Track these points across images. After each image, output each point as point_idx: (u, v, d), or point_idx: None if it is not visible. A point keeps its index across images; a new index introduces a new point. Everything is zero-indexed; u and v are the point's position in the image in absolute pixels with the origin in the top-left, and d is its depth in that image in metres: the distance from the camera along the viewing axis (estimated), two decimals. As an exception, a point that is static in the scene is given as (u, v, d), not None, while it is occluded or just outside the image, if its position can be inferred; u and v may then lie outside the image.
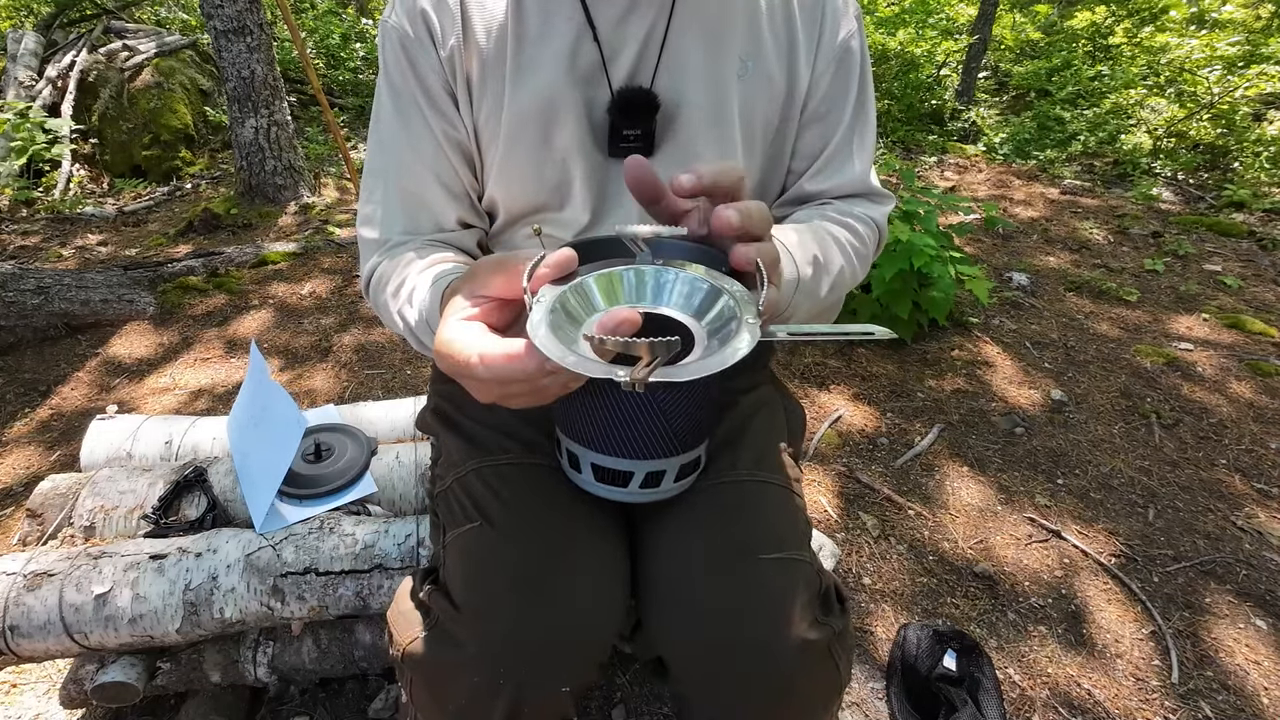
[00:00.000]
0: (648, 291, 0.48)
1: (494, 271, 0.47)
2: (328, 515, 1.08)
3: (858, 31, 0.78)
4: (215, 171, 4.38)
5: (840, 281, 0.70)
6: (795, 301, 0.63)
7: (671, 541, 0.72)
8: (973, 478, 1.75)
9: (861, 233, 0.76)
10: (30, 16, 6.00)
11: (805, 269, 0.64)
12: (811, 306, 0.66)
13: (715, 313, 0.45)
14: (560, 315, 0.43)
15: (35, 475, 1.75)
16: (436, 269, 0.66)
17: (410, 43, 0.72)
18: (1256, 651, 1.30)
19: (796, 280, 0.62)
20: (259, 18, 3.31)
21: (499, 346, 0.43)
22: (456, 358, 0.44)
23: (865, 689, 1.24)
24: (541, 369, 0.41)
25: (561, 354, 0.39)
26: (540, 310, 0.43)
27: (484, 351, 0.43)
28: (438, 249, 0.73)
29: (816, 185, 0.80)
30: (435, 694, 0.68)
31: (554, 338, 0.40)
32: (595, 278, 0.47)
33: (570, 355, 0.39)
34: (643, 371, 0.37)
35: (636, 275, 0.48)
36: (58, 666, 1.24)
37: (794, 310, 0.64)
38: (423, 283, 0.64)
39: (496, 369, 0.42)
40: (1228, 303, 2.61)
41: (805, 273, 0.63)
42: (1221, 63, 4.71)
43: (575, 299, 0.46)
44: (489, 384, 0.44)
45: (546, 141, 0.73)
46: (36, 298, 2.33)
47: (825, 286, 0.67)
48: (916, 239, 2.13)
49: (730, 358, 0.39)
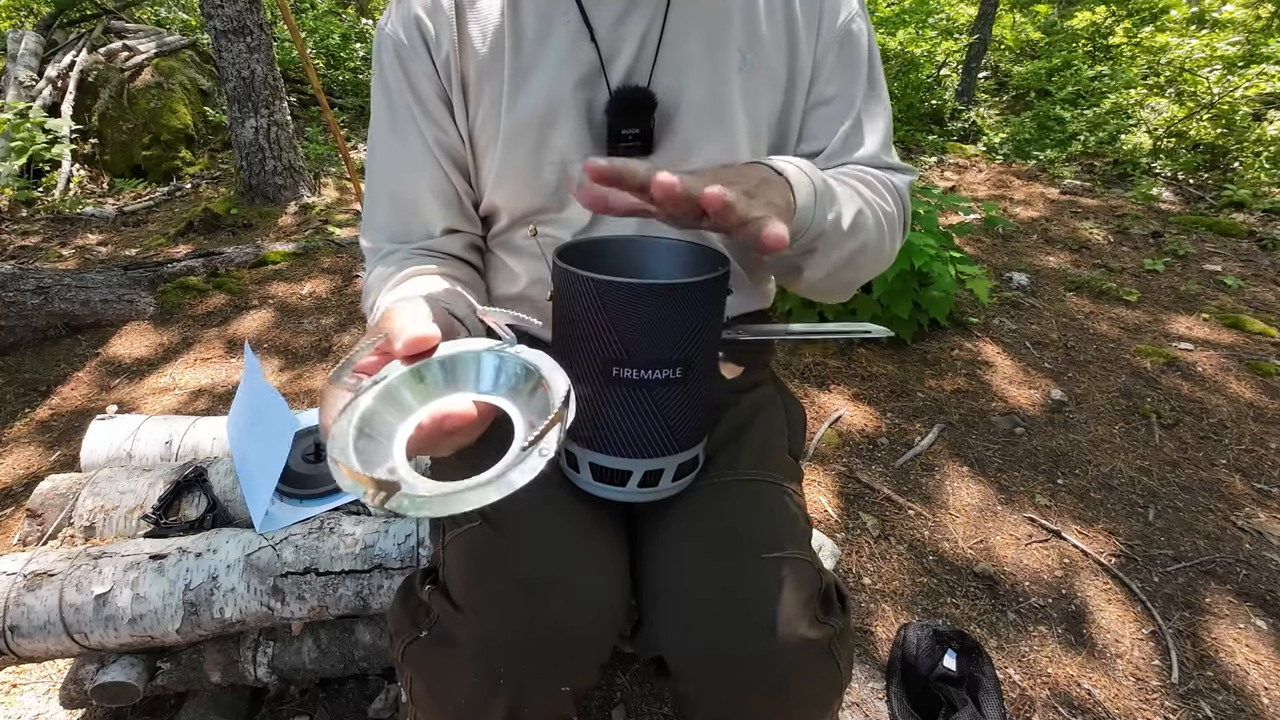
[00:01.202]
0: (461, 378, 0.48)
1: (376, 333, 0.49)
2: (328, 515, 1.08)
3: (859, 13, 0.77)
4: (215, 171, 4.38)
5: (862, 223, 0.68)
6: (817, 220, 0.61)
7: (671, 540, 0.72)
8: (973, 478, 1.75)
9: (877, 187, 0.74)
10: (30, 16, 6.00)
11: (820, 184, 0.62)
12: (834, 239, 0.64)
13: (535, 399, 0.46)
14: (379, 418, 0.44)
15: (35, 475, 1.75)
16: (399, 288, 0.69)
17: (404, 50, 0.72)
18: (1256, 651, 1.30)
19: (813, 190, 0.60)
20: (259, 18, 3.31)
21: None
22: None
23: (865, 689, 1.23)
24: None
25: (340, 452, 0.40)
26: (347, 433, 0.42)
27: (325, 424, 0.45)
28: (419, 261, 0.75)
29: (827, 165, 0.79)
30: (435, 694, 0.68)
31: (368, 444, 0.42)
32: (400, 377, 0.47)
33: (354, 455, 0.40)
34: (380, 498, 0.37)
35: (442, 367, 0.48)
36: (58, 666, 1.24)
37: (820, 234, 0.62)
38: (383, 304, 0.67)
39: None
40: (1228, 303, 2.61)
41: (819, 184, 0.62)
42: (1221, 63, 4.71)
43: (385, 406, 0.45)
44: None
45: (546, 143, 0.73)
46: (36, 298, 2.33)
47: (846, 218, 0.65)
48: (916, 239, 2.13)
49: (481, 499, 0.38)
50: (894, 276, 2.11)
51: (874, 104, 0.79)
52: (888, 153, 0.80)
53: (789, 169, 0.60)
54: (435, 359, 0.47)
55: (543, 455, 0.39)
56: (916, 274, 2.20)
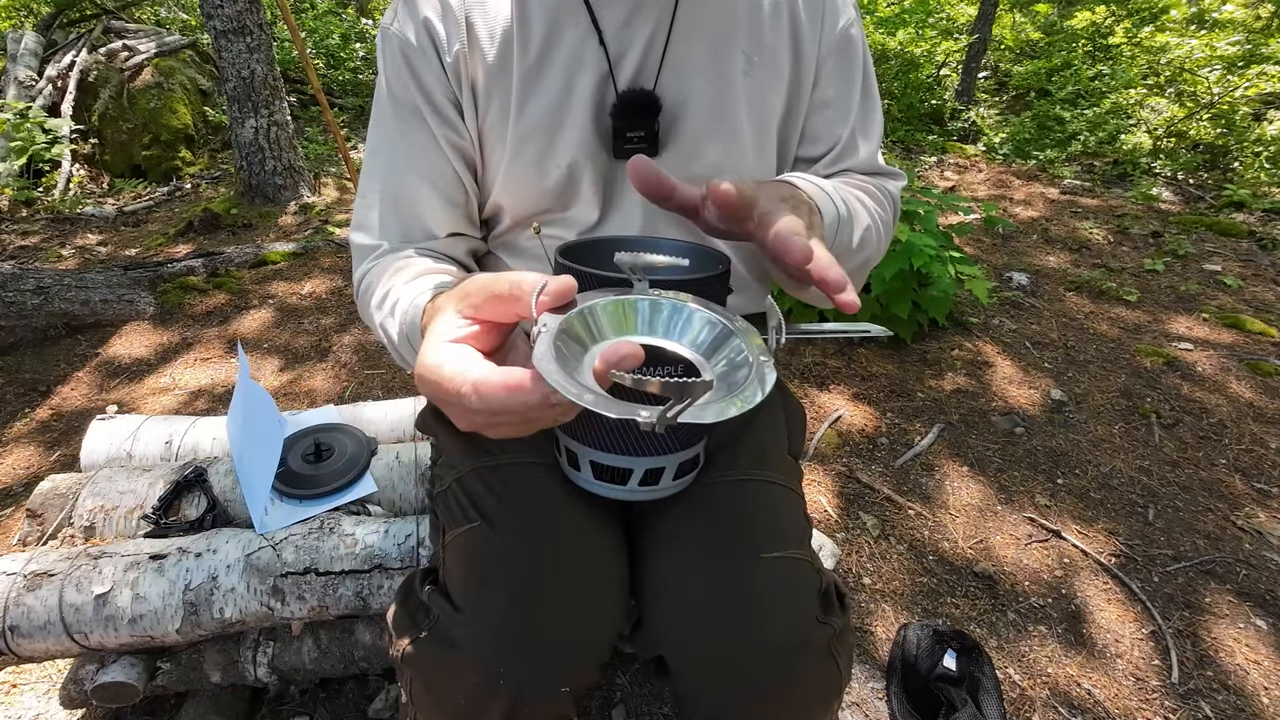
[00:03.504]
0: (657, 323, 0.46)
1: (486, 293, 0.43)
2: (328, 515, 1.08)
3: (856, 19, 0.79)
4: (215, 171, 4.38)
5: (868, 239, 0.69)
6: (835, 244, 0.62)
7: (671, 540, 0.72)
8: (972, 477, 1.75)
9: (878, 196, 0.77)
10: (30, 16, 6.00)
11: (843, 208, 0.63)
12: (844, 257, 0.65)
13: (725, 354, 0.44)
14: (565, 344, 0.40)
15: (35, 475, 1.75)
16: (421, 281, 0.65)
17: (412, 51, 0.72)
18: (1256, 651, 1.30)
19: (837, 218, 0.62)
20: (259, 18, 3.31)
21: (496, 375, 0.39)
22: (444, 385, 0.41)
23: (865, 689, 1.24)
24: (545, 402, 0.37)
25: (576, 391, 0.36)
26: (545, 340, 0.39)
27: (479, 380, 0.39)
28: (426, 259, 0.73)
29: (826, 171, 0.81)
30: (435, 694, 0.68)
31: (562, 370, 0.37)
32: (601, 305, 0.44)
33: (587, 393, 0.36)
34: (671, 414, 0.35)
35: (647, 305, 0.46)
36: (58, 666, 1.24)
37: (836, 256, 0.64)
38: (406, 295, 0.62)
39: (493, 400, 0.39)
40: (1227, 302, 2.61)
41: (843, 211, 0.63)
42: (1221, 63, 4.71)
43: (580, 327, 0.43)
44: (478, 414, 0.40)
45: (554, 145, 0.73)
46: (36, 298, 2.33)
47: (856, 237, 0.66)
48: (916, 239, 2.13)
49: (751, 400, 0.38)
50: (893, 276, 2.11)
51: (870, 109, 0.81)
52: (880, 157, 0.83)
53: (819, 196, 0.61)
54: (595, 304, 0.44)
55: (764, 371, 0.42)
56: (916, 274, 2.20)
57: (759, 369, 0.41)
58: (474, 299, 0.44)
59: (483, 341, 0.44)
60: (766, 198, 0.51)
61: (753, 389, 0.39)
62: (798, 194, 0.58)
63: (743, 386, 0.40)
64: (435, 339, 0.43)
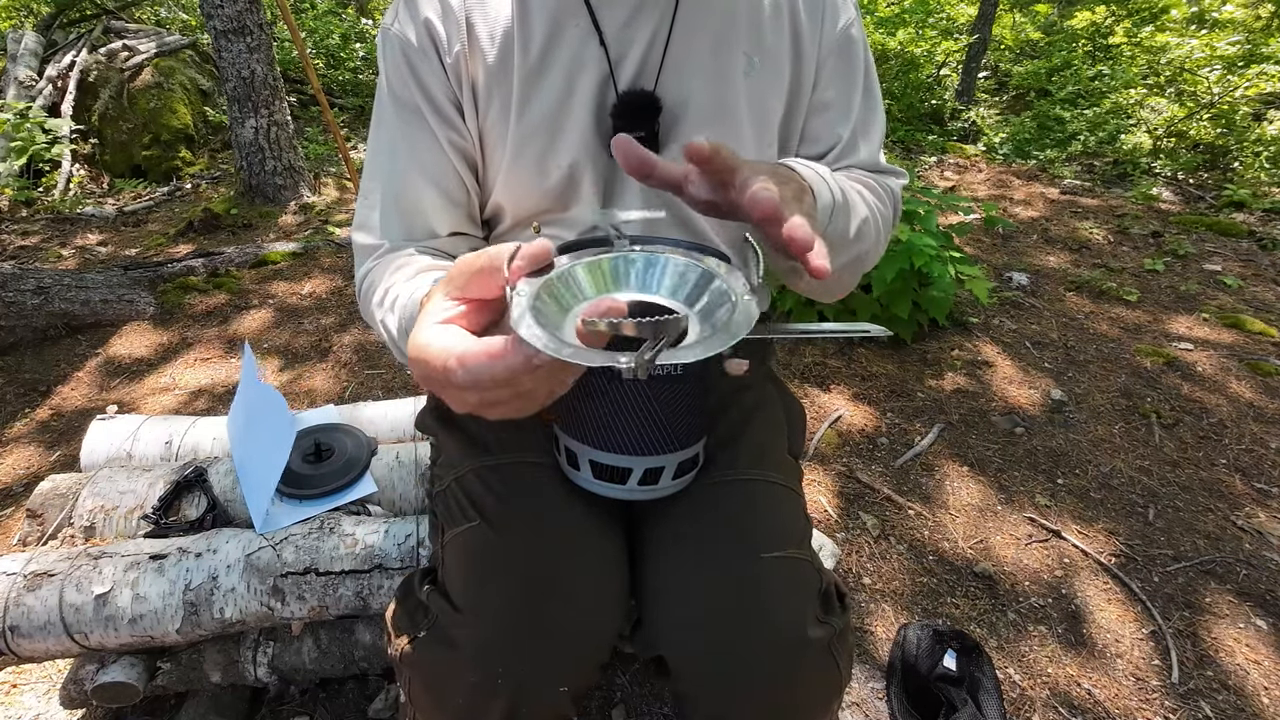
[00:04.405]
0: (635, 278, 0.45)
1: (469, 270, 0.43)
2: (328, 515, 1.08)
3: (857, 19, 0.79)
4: (215, 171, 4.38)
5: (865, 230, 0.67)
6: (830, 230, 0.61)
7: (671, 540, 0.72)
8: (973, 478, 1.75)
9: (879, 191, 0.75)
10: (30, 16, 6.00)
11: (839, 195, 0.62)
12: (839, 246, 0.64)
13: (707, 298, 0.44)
14: (546, 306, 0.40)
15: (35, 475, 1.75)
16: (421, 278, 0.65)
17: (413, 51, 0.71)
18: (1256, 651, 1.30)
19: (832, 202, 0.60)
20: (259, 18, 3.31)
21: (478, 345, 0.39)
22: (432, 363, 0.40)
23: (865, 689, 1.23)
24: (527, 365, 0.37)
25: (555, 345, 0.36)
26: (521, 303, 0.39)
27: (463, 353, 0.39)
28: (427, 257, 0.73)
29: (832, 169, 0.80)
30: (434, 694, 0.68)
31: (541, 329, 0.37)
32: (580, 266, 0.44)
33: (566, 347, 0.36)
34: (647, 355, 0.35)
35: (624, 262, 0.45)
36: (58, 666, 1.24)
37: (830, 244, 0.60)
38: (405, 291, 0.62)
39: (477, 370, 0.38)
40: (1227, 302, 2.61)
41: (839, 198, 0.61)
42: (1221, 63, 4.71)
43: (561, 289, 0.42)
44: (468, 390, 0.40)
45: (555, 146, 0.73)
46: (36, 298, 2.33)
47: (853, 227, 0.65)
48: (916, 239, 2.13)
49: (737, 332, 0.38)
50: (894, 276, 2.11)
51: (871, 108, 0.81)
52: (881, 155, 0.82)
53: (814, 180, 0.60)
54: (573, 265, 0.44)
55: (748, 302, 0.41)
56: (916, 274, 2.19)
57: (744, 306, 0.41)
58: (458, 280, 0.44)
59: (471, 321, 0.44)
60: (751, 169, 0.50)
61: (736, 326, 0.39)
62: (791, 174, 0.57)
63: (726, 324, 0.40)
64: (424, 322, 0.44)
